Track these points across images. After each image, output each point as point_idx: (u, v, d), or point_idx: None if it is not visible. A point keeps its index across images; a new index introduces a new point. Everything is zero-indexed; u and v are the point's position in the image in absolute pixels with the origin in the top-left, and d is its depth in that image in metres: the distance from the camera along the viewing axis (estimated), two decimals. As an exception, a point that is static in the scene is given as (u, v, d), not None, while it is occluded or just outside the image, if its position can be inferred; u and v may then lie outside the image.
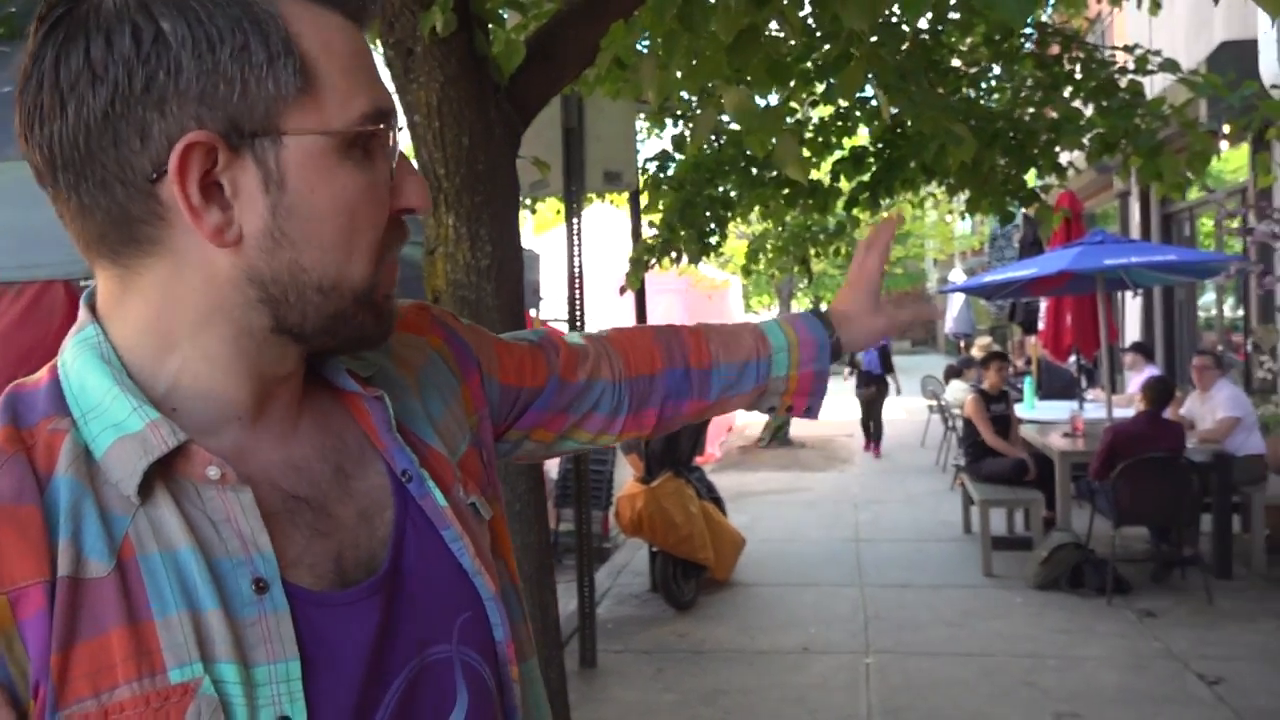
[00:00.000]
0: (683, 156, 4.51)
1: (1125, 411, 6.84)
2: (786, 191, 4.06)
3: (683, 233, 4.70)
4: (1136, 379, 7.91)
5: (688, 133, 4.36)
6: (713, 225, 4.66)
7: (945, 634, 5.17)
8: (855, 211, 4.19)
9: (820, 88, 3.21)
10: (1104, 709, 4.14)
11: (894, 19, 2.88)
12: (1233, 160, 8.40)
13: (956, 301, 13.61)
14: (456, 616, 0.78)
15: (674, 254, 4.83)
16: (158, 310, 0.70)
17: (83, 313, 0.74)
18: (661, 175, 4.81)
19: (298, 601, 0.68)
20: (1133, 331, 10.29)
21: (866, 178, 3.95)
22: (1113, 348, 8.58)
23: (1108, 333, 7.37)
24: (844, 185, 4.08)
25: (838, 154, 4.25)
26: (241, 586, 0.66)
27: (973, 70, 3.70)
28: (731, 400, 1.14)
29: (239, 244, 0.69)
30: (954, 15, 3.17)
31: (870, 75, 2.55)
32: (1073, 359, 9.04)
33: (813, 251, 6.21)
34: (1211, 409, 6.44)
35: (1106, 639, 5.02)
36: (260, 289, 0.70)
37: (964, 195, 3.81)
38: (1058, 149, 3.52)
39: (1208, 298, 9.79)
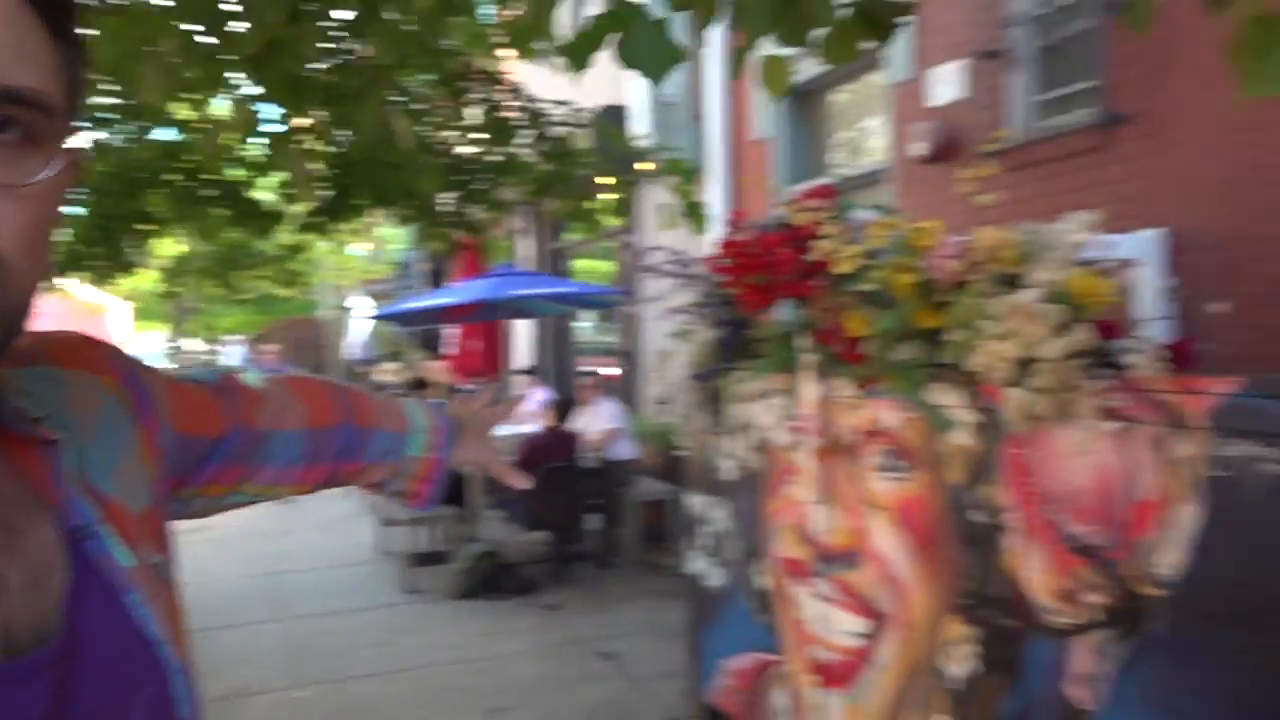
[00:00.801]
0: (101, 166, 4.04)
1: (525, 428, 7.52)
2: (229, 211, 3.83)
3: (97, 249, 4.19)
4: (530, 399, 8.75)
5: (107, 137, 3.90)
6: (131, 243, 4.22)
7: (374, 654, 5.24)
8: (308, 235, 4.10)
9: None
10: (528, 698, 4.53)
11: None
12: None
13: (360, 328, 13.80)
14: (138, 692, 0.69)
15: (84, 272, 4.28)
16: None
17: None
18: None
19: None
20: (523, 356, 11.34)
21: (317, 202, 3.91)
22: (502, 372, 9.39)
23: (500, 358, 8.07)
24: (292, 209, 3.97)
25: (283, 175, 4.14)
26: None
27: (425, 108, 3.86)
28: (377, 468, 1.11)
29: None
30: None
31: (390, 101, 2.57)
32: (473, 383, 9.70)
33: (244, 274, 5.90)
34: (596, 421, 7.36)
35: (522, 635, 5.49)
36: None
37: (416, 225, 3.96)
38: (501, 187, 3.83)
39: (584, 325, 11.17)
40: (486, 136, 3.79)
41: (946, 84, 5.35)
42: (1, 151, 0.58)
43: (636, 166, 4.11)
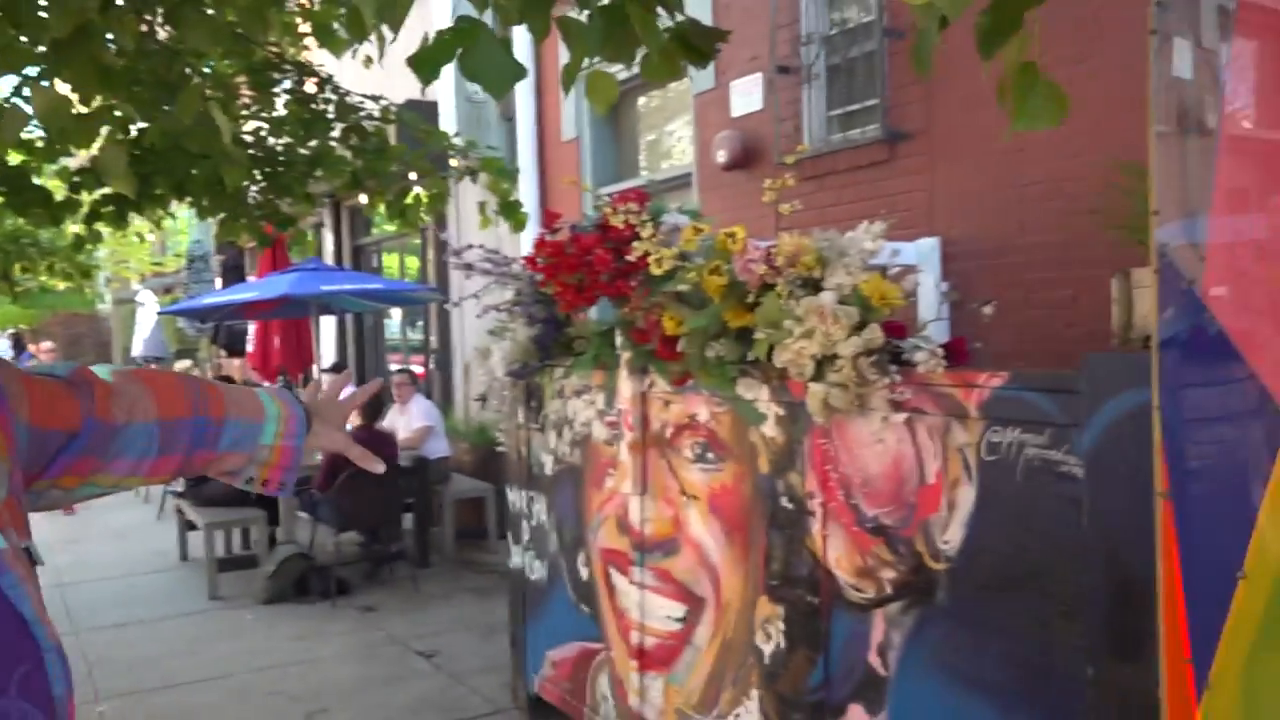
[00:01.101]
0: None
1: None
2: (9, 198, 3.59)
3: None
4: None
5: None
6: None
7: (180, 664, 5.04)
8: (98, 225, 3.89)
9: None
10: (347, 699, 4.49)
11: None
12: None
13: (148, 323, 13.05)
14: (14, 670, 0.73)
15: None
16: None
17: None
18: None
19: None
20: (329, 353, 11.04)
21: (110, 191, 3.72)
22: (310, 368, 9.14)
23: (310, 355, 7.86)
24: (84, 197, 3.77)
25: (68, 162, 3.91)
26: None
27: (234, 98, 3.75)
28: (230, 457, 1.13)
29: None
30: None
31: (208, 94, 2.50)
32: (280, 379, 9.38)
33: (19, 267, 5.50)
34: (409, 420, 7.30)
35: (337, 638, 5.40)
36: None
37: (217, 216, 3.84)
38: (311, 180, 3.78)
39: (393, 322, 10.99)
40: (297, 129, 3.74)
41: (746, 95, 5.64)
42: None
43: (452, 163, 4.13)
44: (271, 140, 3.94)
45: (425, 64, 1.33)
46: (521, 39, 4.59)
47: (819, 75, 5.27)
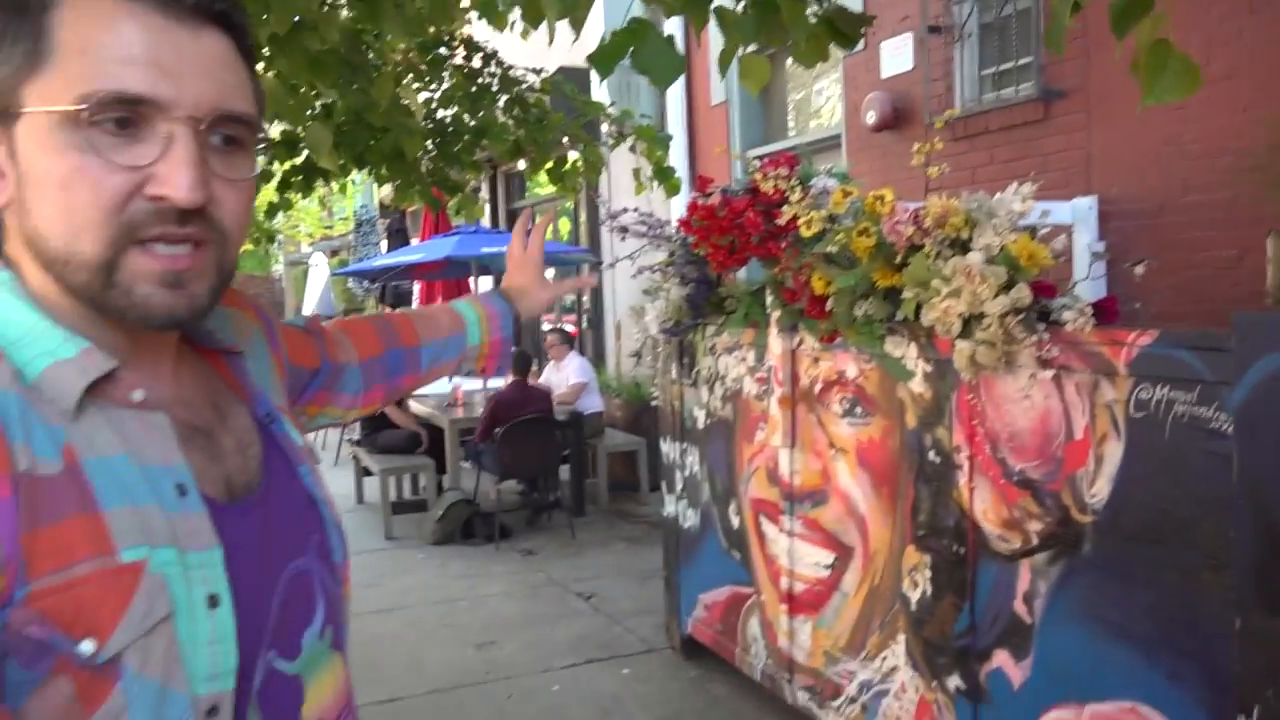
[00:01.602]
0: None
1: (495, 382, 7.76)
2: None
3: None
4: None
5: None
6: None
7: (364, 595, 5.49)
8: (289, 194, 4.27)
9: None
10: (512, 634, 4.83)
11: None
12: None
13: (319, 283, 13.86)
14: (310, 536, 0.94)
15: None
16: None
17: None
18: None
19: (208, 506, 0.81)
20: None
21: (300, 160, 4.08)
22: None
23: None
24: (276, 168, 4.14)
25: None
26: (167, 489, 0.78)
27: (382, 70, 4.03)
28: (438, 370, 1.36)
29: (10, 208, 0.79)
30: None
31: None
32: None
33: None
34: (565, 376, 7.62)
35: (501, 578, 5.77)
36: (33, 251, 0.79)
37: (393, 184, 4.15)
38: (478, 149, 4.05)
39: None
40: (464, 101, 4.00)
41: (896, 56, 5.63)
42: (227, 156, 0.81)
43: (604, 129, 4.33)
44: (441, 112, 4.22)
45: (603, 61, 1.50)
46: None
47: (971, 34, 5.22)
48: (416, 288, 9.76)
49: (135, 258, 0.77)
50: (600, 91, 7.38)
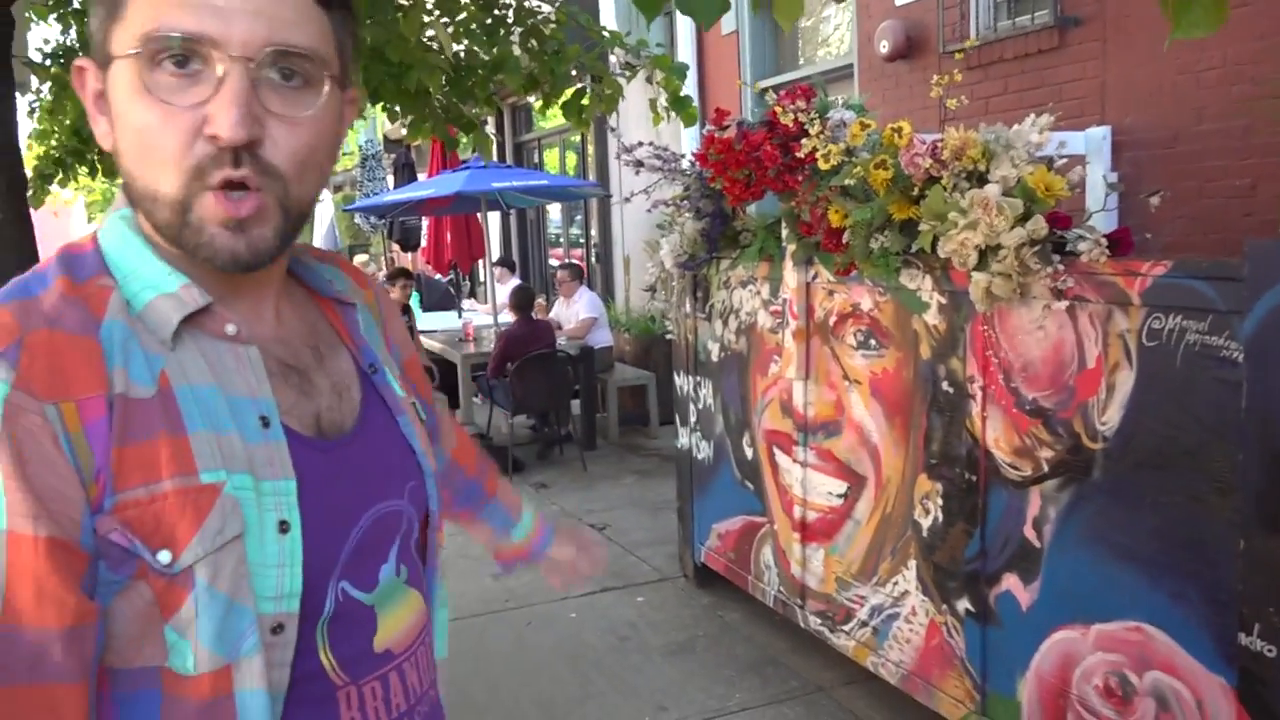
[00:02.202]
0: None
1: (504, 318, 7.81)
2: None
3: (95, 143, 4.35)
4: (504, 289, 9.01)
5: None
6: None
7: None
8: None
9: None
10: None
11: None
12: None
13: (325, 219, 13.84)
14: (406, 481, 0.99)
15: (86, 166, 4.44)
16: None
17: (120, 196, 0.88)
18: (64, 75, 4.34)
19: (290, 439, 0.86)
20: (495, 247, 11.53)
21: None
22: (479, 261, 9.60)
23: (478, 249, 8.27)
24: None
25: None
26: (250, 420, 0.84)
27: (408, 3, 4.00)
28: (481, 525, 1.43)
29: (115, 151, 0.85)
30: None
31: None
32: (451, 272, 9.91)
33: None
34: (575, 312, 7.67)
35: (515, 510, 5.87)
36: (130, 192, 0.85)
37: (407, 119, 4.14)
38: (492, 84, 4.03)
39: (553, 217, 11.36)
40: (478, 35, 3.97)
41: (912, -18, 5.56)
42: (287, 93, 0.82)
43: (612, 58, 4.29)
44: (455, 47, 4.19)
45: (649, 3, 1.51)
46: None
47: (987, -41, 5.15)
48: (425, 223, 9.76)
49: (204, 200, 0.80)
50: (606, 18, 7.30)
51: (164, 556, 0.77)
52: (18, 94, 3.64)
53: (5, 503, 0.72)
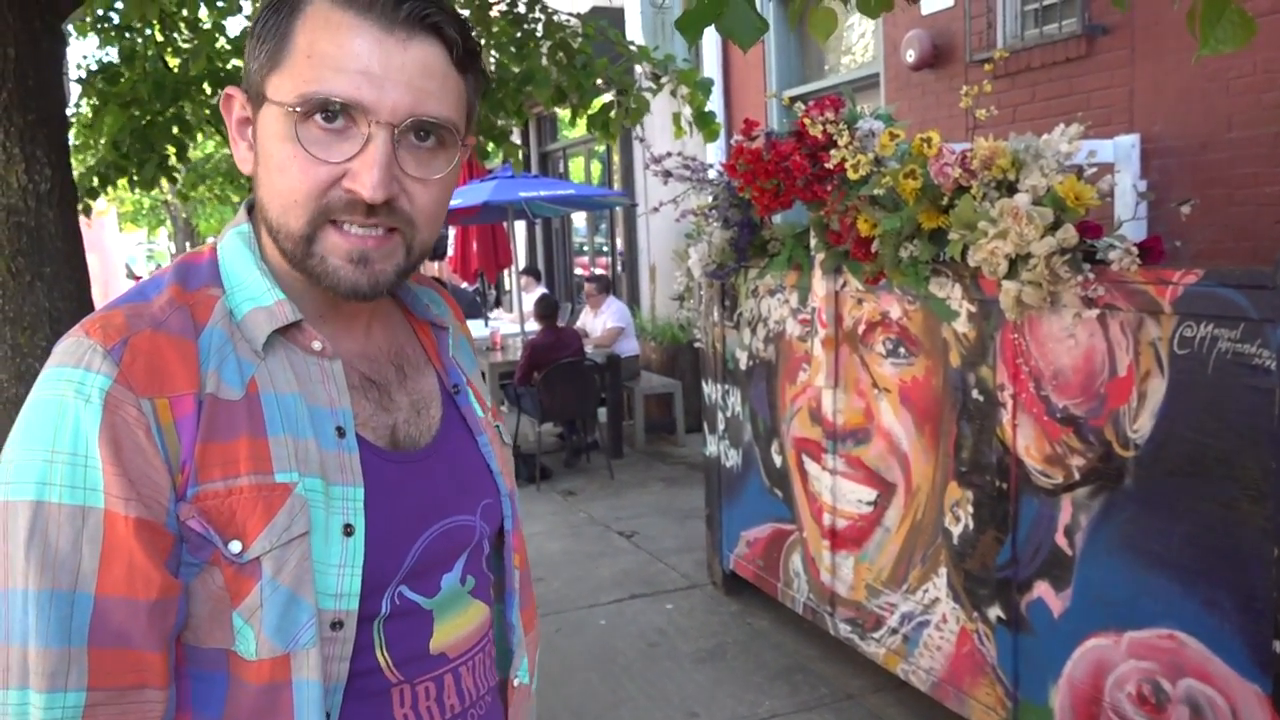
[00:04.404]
0: (127, 73, 4.24)
1: (530, 327, 7.86)
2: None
3: (136, 157, 4.42)
4: (530, 298, 9.07)
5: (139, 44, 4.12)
6: (171, 148, 4.46)
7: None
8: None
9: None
10: (558, 570, 4.98)
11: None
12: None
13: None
14: (481, 498, 1.03)
15: (125, 179, 4.52)
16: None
17: (241, 212, 0.96)
18: (107, 90, 4.44)
19: (364, 450, 0.92)
20: (522, 256, 11.60)
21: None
22: (505, 271, 9.65)
23: (505, 258, 8.33)
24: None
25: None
26: (328, 429, 0.90)
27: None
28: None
29: (254, 177, 0.93)
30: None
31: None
32: (478, 281, 9.97)
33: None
34: (601, 321, 7.71)
35: (544, 517, 5.92)
36: (263, 219, 0.92)
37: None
38: (523, 96, 4.08)
39: (579, 226, 11.42)
40: (508, 48, 4.02)
41: (938, -8, 5.57)
42: (422, 154, 0.89)
43: (637, 70, 4.33)
44: (485, 60, 4.26)
45: (690, 26, 1.54)
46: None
47: (1014, -32, 5.16)
48: (452, 233, 9.85)
49: (330, 235, 0.88)
50: (633, 31, 7.36)
51: (235, 546, 0.84)
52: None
53: (104, 485, 0.80)
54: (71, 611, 0.79)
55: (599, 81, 4.33)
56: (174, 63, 4.68)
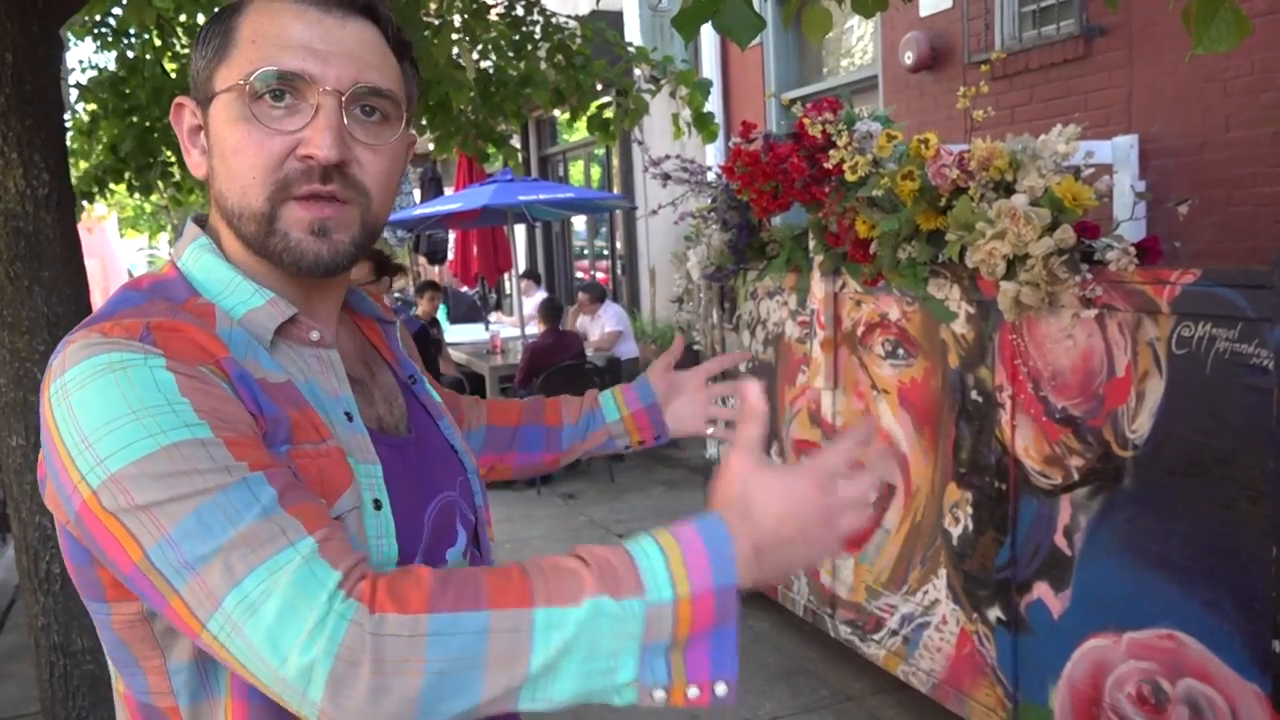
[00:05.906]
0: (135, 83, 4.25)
1: (530, 330, 7.87)
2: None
3: (135, 162, 4.43)
4: (530, 301, 9.07)
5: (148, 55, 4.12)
6: (170, 154, 4.47)
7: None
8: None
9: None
10: (558, 573, 4.97)
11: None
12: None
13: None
14: (455, 478, 1.07)
15: (124, 185, 4.53)
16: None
17: (189, 227, 0.97)
18: (109, 99, 4.44)
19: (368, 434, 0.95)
20: (522, 260, 11.61)
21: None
22: (505, 274, 9.65)
23: (505, 261, 8.33)
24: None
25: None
26: (338, 415, 0.92)
27: (438, 23, 4.06)
28: (579, 447, 1.42)
29: (209, 180, 0.94)
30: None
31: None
32: (478, 284, 9.98)
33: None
34: (600, 325, 7.71)
35: (544, 521, 5.92)
36: (221, 212, 0.93)
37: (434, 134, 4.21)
38: (521, 98, 4.09)
39: (579, 229, 11.42)
40: (505, 51, 4.03)
41: (936, -7, 5.58)
42: (369, 125, 0.92)
43: (637, 73, 4.33)
44: (484, 63, 4.26)
45: (686, 24, 1.54)
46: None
47: (1011, -30, 5.17)
48: (452, 237, 9.85)
49: (291, 208, 0.90)
50: (631, 33, 7.36)
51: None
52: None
53: (206, 421, 0.78)
54: (250, 491, 0.76)
55: (598, 85, 4.34)
56: (172, 68, 4.69)
